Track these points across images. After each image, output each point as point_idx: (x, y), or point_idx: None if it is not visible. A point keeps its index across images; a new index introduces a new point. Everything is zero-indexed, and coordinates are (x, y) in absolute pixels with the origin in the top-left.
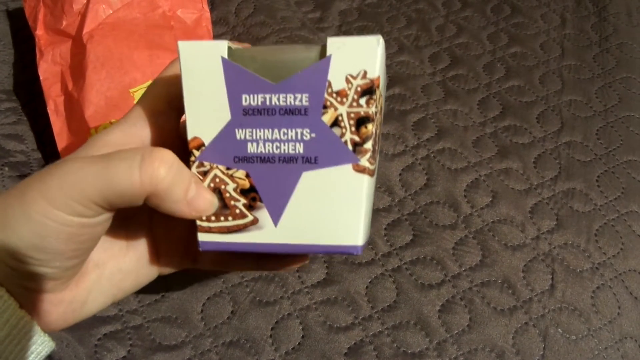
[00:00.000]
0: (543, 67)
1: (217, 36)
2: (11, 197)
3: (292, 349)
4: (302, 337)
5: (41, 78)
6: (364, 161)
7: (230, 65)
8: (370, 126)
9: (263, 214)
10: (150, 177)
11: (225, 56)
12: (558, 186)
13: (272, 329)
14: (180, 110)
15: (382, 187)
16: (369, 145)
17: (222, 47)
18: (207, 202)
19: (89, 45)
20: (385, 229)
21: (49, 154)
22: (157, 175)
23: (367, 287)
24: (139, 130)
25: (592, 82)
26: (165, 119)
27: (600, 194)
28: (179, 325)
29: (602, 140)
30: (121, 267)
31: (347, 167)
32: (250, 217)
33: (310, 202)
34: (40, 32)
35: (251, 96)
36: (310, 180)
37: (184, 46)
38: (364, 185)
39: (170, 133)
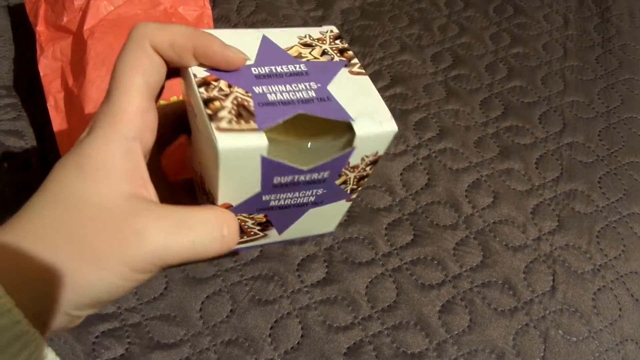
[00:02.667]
0: (545, 67)
1: None
2: (77, 259)
3: (291, 348)
4: (302, 336)
5: (41, 74)
6: (354, 196)
7: (268, 160)
8: (366, 180)
9: (272, 231)
10: (231, 242)
11: (265, 154)
12: (560, 187)
13: (271, 328)
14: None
15: (382, 187)
16: (360, 189)
17: (263, 147)
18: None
19: (90, 42)
20: (386, 228)
21: (49, 150)
22: (234, 238)
23: (367, 287)
24: (135, 137)
25: (594, 83)
26: (151, 110)
27: (602, 196)
28: (177, 324)
29: (604, 141)
30: None
31: (342, 201)
32: (261, 235)
33: (309, 220)
34: (40, 28)
35: (282, 177)
36: (313, 212)
37: (224, 149)
38: (348, 206)
39: (157, 124)
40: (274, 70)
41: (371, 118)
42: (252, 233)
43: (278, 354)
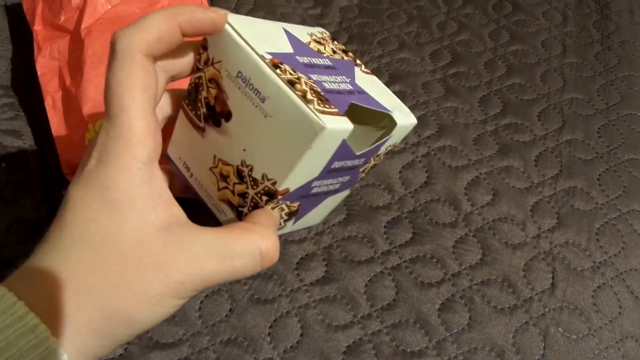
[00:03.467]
0: (544, 64)
1: None
2: (131, 298)
3: (291, 347)
4: (301, 335)
5: (39, 73)
6: (356, 185)
7: (346, 145)
8: (373, 168)
9: (290, 221)
10: (270, 262)
11: (346, 138)
12: (559, 184)
13: (270, 327)
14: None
15: (382, 185)
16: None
17: (350, 129)
18: None
19: (87, 41)
20: (385, 226)
21: (47, 149)
22: (274, 257)
23: (366, 285)
24: (153, 161)
25: (593, 80)
26: (158, 127)
27: (602, 193)
28: (176, 323)
29: (604, 138)
30: None
31: (347, 191)
32: (281, 227)
33: (318, 211)
34: (38, 27)
35: (341, 162)
36: (327, 201)
37: (332, 129)
38: (344, 197)
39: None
40: (313, 62)
41: (400, 111)
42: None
43: (277, 353)
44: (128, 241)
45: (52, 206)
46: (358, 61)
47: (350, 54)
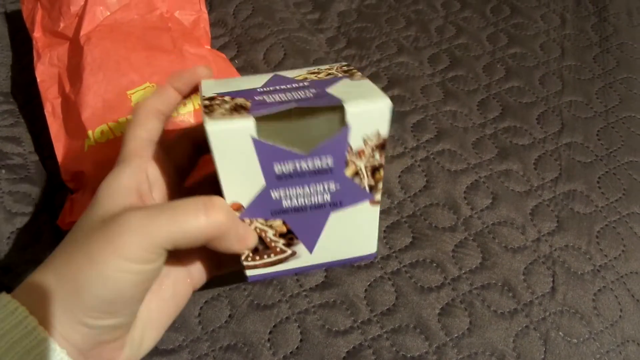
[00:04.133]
0: (543, 67)
1: (215, 38)
2: (76, 264)
3: (290, 353)
4: (301, 340)
5: (38, 80)
6: (377, 197)
7: (261, 143)
8: (382, 172)
9: (300, 247)
10: (214, 222)
11: (255, 136)
12: (559, 188)
13: (270, 332)
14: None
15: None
16: (380, 185)
17: (250, 127)
18: (255, 237)
19: (86, 47)
20: (385, 231)
21: (46, 156)
22: (219, 220)
23: (366, 291)
24: (142, 167)
25: (592, 82)
26: (157, 152)
27: (601, 196)
28: (176, 329)
29: (603, 141)
30: (162, 296)
31: (365, 203)
32: (289, 252)
33: (338, 231)
34: (37, 34)
35: (282, 164)
36: (336, 217)
37: (213, 129)
38: (378, 211)
39: (164, 161)
40: (277, 88)
41: (364, 98)
42: (277, 249)
43: (277, 358)
44: (91, 225)
45: (52, 213)
46: (358, 73)
47: (353, 71)
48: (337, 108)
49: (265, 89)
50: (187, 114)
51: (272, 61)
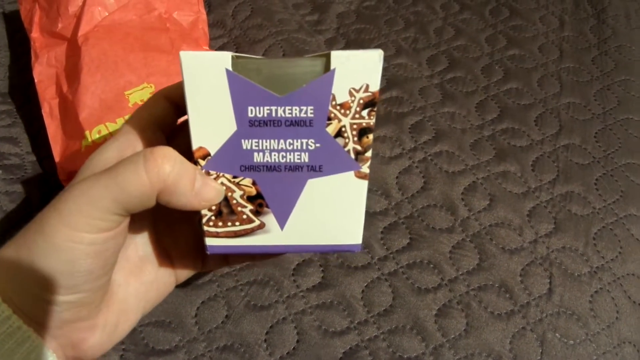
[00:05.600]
0: (541, 69)
1: (213, 39)
2: (30, 233)
3: (287, 353)
4: (297, 341)
5: (36, 80)
6: (365, 168)
7: (235, 77)
8: (371, 136)
9: (270, 219)
10: (157, 175)
11: (230, 68)
12: (556, 189)
13: (266, 333)
14: (167, 127)
15: (378, 191)
16: (369, 153)
17: (226, 58)
18: (214, 190)
19: (84, 48)
20: (382, 232)
21: (44, 156)
22: (163, 172)
23: (363, 291)
24: (132, 142)
25: (590, 84)
26: (153, 132)
27: (599, 197)
28: (172, 330)
29: (601, 143)
30: (142, 280)
31: (350, 174)
32: (257, 222)
33: (315, 207)
34: (35, 34)
35: (257, 108)
36: (315, 187)
37: (186, 57)
38: (364, 190)
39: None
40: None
41: (354, 51)
42: (244, 216)
43: (274, 359)
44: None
45: None
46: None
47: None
48: (323, 55)
49: None
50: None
51: None
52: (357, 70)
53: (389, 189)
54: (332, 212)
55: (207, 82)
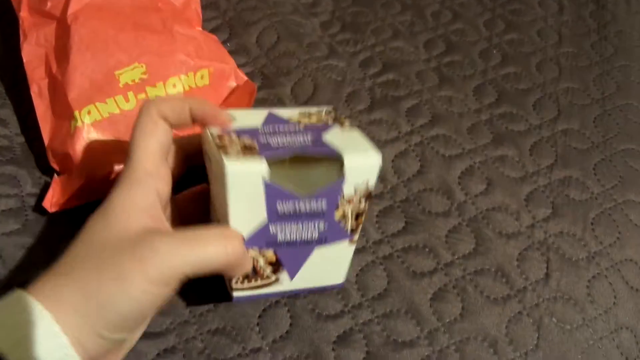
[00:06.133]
0: (540, 54)
1: (206, 20)
2: (104, 279)
3: (280, 337)
4: (290, 325)
5: (24, 61)
6: (356, 237)
7: (270, 185)
8: (363, 217)
9: (283, 274)
10: (234, 253)
11: (267, 178)
12: (554, 174)
13: (259, 316)
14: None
15: None
16: (359, 228)
17: (264, 170)
18: (251, 265)
19: (74, 27)
20: (377, 215)
21: (33, 138)
22: (238, 251)
23: (357, 275)
24: (152, 188)
25: (589, 69)
26: (164, 166)
27: (597, 182)
28: (163, 313)
29: (600, 128)
30: None
31: (345, 242)
32: (273, 278)
33: (318, 263)
34: (24, 13)
35: (284, 203)
36: (319, 251)
37: (232, 171)
38: (352, 251)
39: (171, 176)
40: (276, 129)
41: (357, 152)
42: (264, 275)
43: (266, 342)
44: (117, 238)
45: (38, 195)
46: (347, 122)
47: (342, 119)
48: (336, 159)
49: (265, 129)
50: (177, 95)
51: (265, 44)
52: (362, 174)
53: (384, 172)
54: (328, 265)
55: (247, 187)
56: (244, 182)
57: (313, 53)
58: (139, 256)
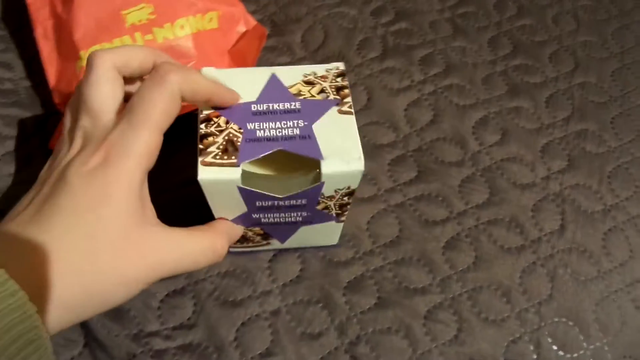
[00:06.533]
0: (557, 6)
1: None
2: (102, 267)
3: (290, 281)
4: (301, 270)
5: (28, 2)
6: (343, 218)
7: (245, 190)
8: (348, 207)
9: (274, 241)
10: (217, 260)
11: (240, 184)
12: (570, 127)
13: (269, 261)
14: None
15: (386, 123)
16: (347, 212)
17: (237, 178)
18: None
19: None
20: (389, 164)
21: (37, 82)
22: (223, 255)
23: (368, 223)
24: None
25: (608, 23)
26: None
27: (615, 136)
28: None
29: (618, 82)
30: None
31: (332, 222)
32: (264, 242)
33: (307, 235)
34: None
35: (262, 202)
36: (306, 229)
37: (204, 179)
38: (341, 226)
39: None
40: (270, 108)
41: (341, 158)
42: (255, 240)
43: (276, 286)
44: (118, 233)
45: (43, 138)
46: (347, 99)
47: (346, 91)
48: (316, 166)
49: (259, 106)
50: (184, 38)
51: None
52: (342, 181)
53: (396, 121)
54: (318, 236)
55: (222, 191)
56: (218, 187)
57: (323, 0)
58: (145, 262)
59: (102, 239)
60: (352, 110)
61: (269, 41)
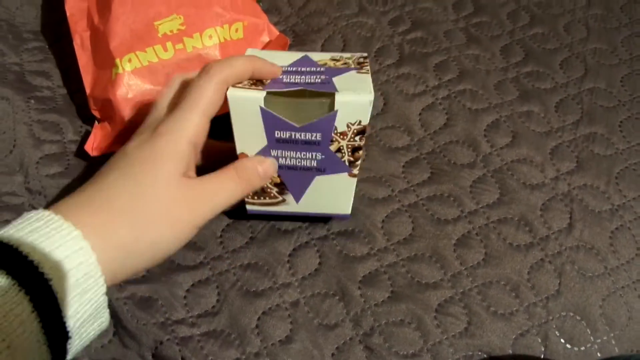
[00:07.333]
0: (568, 15)
1: None
2: (157, 222)
3: (309, 274)
4: (319, 263)
5: (68, 14)
6: (355, 171)
7: (266, 112)
8: (360, 152)
9: (289, 197)
10: (252, 188)
11: (263, 105)
12: (579, 130)
13: (289, 255)
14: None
15: (401, 127)
16: (358, 162)
17: (260, 98)
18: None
19: None
20: (403, 166)
21: (74, 90)
22: (255, 184)
23: (383, 221)
24: (193, 138)
25: (618, 31)
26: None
27: (623, 139)
28: (197, 249)
29: (627, 87)
30: None
31: (344, 174)
32: (280, 199)
33: (321, 191)
34: None
35: (281, 132)
36: (320, 180)
37: (232, 96)
38: (354, 183)
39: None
40: (298, 69)
41: (353, 91)
42: (272, 194)
43: (295, 278)
44: (163, 182)
45: (79, 142)
46: (366, 68)
47: (365, 63)
48: (331, 95)
49: (289, 68)
50: (212, 47)
51: (296, 3)
52: (353, 112)
53: (411, 125)
54: (332, 195)
55: (247, 113)
56: (243, 107)
57: (343, 11)
58: (190, 207)
59: (149, 185)
60: (369, 71)
61: (291, 50)
